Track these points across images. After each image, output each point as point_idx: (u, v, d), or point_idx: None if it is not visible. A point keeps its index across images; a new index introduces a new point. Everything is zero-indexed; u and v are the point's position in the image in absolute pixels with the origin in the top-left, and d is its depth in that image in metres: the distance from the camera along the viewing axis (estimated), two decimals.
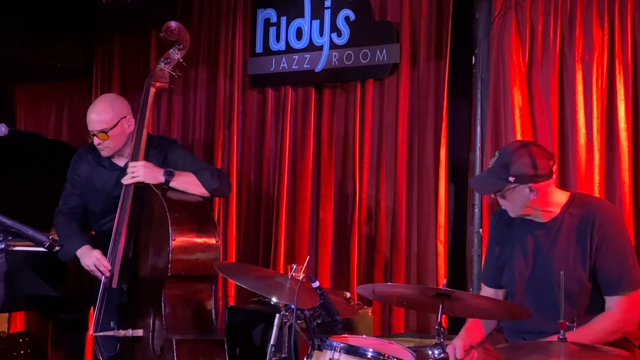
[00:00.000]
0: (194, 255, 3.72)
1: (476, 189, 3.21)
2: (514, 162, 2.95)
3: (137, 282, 3.84)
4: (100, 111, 3.87)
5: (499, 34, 4.00)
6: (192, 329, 3.72)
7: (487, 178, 3.08)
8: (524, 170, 2.94)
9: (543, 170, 2.96)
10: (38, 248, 3.59)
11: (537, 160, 2.95)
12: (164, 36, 3.92)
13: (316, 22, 4.73)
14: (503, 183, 2.98)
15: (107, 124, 3.82)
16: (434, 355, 2.70)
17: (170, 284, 3.69)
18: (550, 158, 3.02)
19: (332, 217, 4.67)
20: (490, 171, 3.05)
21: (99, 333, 3.72)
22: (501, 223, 3.21)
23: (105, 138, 3.83)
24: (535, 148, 3.01)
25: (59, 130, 6.05)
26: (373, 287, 3.06)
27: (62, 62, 5.74)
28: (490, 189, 3.11)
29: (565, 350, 2.48)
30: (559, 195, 3.08)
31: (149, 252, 3.81)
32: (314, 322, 2.97)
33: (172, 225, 3.67)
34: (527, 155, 2.95)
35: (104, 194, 3.95)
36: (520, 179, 2.95)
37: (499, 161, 3.02)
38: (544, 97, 3.89)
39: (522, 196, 3.00)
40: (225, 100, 5.13)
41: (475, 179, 3.18)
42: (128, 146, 3.93)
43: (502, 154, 3.04)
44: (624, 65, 3.70)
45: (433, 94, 4.31)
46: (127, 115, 3.91)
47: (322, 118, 4.74)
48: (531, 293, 3.03)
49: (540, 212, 3.05)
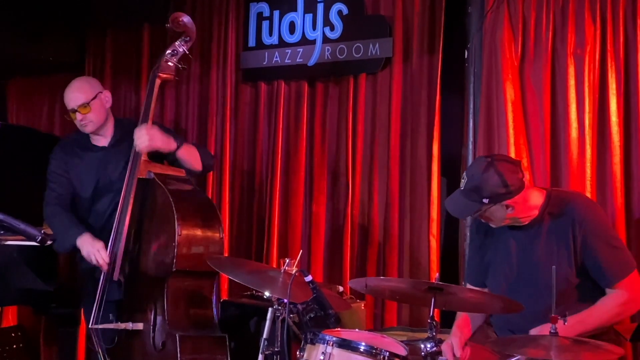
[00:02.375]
0: (199, 250, 3.71)
1: (453, 213, 3.17)
2: (484, 184, 2.93)
3: (138, 275, 3.82)
4: (77, 88, 3.94)
5: (492, 28, 4.00)
6: (194, 325, 3.71)
7: (461, 202, 3.03)
8: (496, 190, 2.92)
9: (514, 186, 2.94)
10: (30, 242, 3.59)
11: (507, 178, 2.93)
12: (171, 27, 3.91)
13: (309, 16, 4.72)
14: (478, 205, 2.97)
15: (86, 97, 3.88)
16: (426, 349, 2.71)
17: (173, 279, 3.68)
18: (518, 170, 2.99)
19: (325, 211, 4.68)
20: (462, 194, 3.01)
21: (99, 326, 3.70)
22: (482, 226, 3.21)
23: (88, 111, 3.87)
24: (501, 164, 2.96)
25: (51, 125, 6.03)
26: (366, 281, 3.06)
27: (54, 56, 5.72)
28: (467, 213, 3.14)
29: (557, 344, 2.50)
30: (535, 197, 3.06)
31: (151, 245, 3.79)
32: (306, 316, 2.98)
33: (179, 220, 3.65)
34: (495, 174, 2.92)
35: (91, 175, 3.95)
36: (494, 199, 2.95)
37: (469, 184, 2.98)
38: (536, 91, 3.90)
39: (500, 212, 3.01)
40: (217, 94, 5.11)
41: (450, 203, 3.11)
42: (108, 124, 3.97)
43: (470, 176, 2.99)
44: (615, 59, 3.71)
45: (426, 88, 4.31)
46: (103, 91, 3.99)
47: (315, 112, 4.74)
48: (517, 294, 3.03)
49: (520, 219, 3.06)
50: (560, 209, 3.04)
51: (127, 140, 3.94)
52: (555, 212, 3.04)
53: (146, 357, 3.73)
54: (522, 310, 2.81)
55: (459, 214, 3.20)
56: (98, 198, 3.95)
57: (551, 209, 3.05)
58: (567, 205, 3.04)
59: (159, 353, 3.65)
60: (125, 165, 3.88)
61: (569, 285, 2.99)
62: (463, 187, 3.01)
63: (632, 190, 3.70)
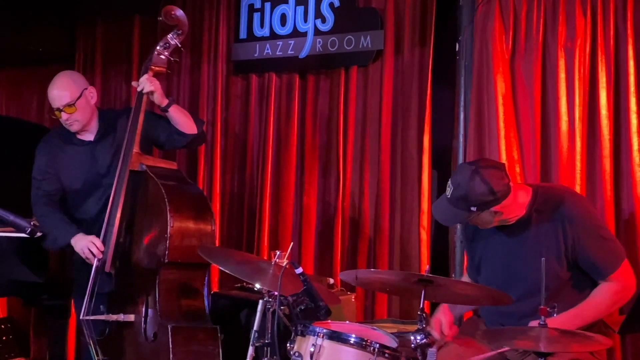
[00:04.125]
0: (191, 242, 3.70)
1: (442, 221, 3.17)
2: (471, 193, 2.92)
3: (130, 267, 3.81)
4: (62, 86, 3.87)
5: (483, 21, 4.00)
6: (186, 316, 3.71)
7: (448, 210, 3.03)
8: (483, 198, 2.92)
9: (501, 192, 2.93)
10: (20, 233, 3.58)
11: (493, 185, 2.92)
12: (163, 20, 3.89)
13: (300, 8, 4.71)
14: (466, 214, 2.98)
15: (71, 96, 3.82)
16: (416, 341, 2.72)
17: (165, 271, 3.67)
18: (504, 175, 2.97)
19: (316, 203, 4.68)
20: (449, 202, 3.00)
21: (90, 317, 3.69)
22: (470, 226, 3.21)
23: (73, 111, 3.82)
24: (486, 171, 2.95)
25: (41, 115, 6.00)
26: (356, 273, 3.06)
27: (44, 47, 5.69)
28: (457, 221, 3.16)
29: (546, 335, 2.51)
30: (521, 196, 3.06)
31: (143, 237, 3.79)
32: (297, 308, 2.99)
33: (171, 212, 3.64)
34: (481, 182, 2.92)
35: (80, 171, 3.92)
36: (482, 207, 2.95)
37: (455, 193, 2.97)
38: (526, 84, 3.91)
39: (488, 217, 3.01)
40: (209, 86, 5.10)
41: (436, 210, 3.11)
42: (93, 120, 3.93)
43: (457, 186, 2.97)
44: (606, 53, 3.72)
45: (417, 81, 4.31)
46: (88, 87, 3.93)
47: (306, 105, 4.74)
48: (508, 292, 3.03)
49: (508, 220, 3.06)
50: (549, 206, 3.03)
51: (113, 133, 3.93)
52: (543, 210, 3.03)
53: (138, 349, 3.73)
54: (512, 302, 2.82)
55: (447, 222, 3.21)
56: (87, 194, 3.93)
57: (539, 207, 3.04)
58: (556, 202, 3.04)
59: (150, 344, 3.65)
60: (113, 159, 3.87)
61: (559, 281, 3.00)
62: (449, 195, 2.99)
63: (621, 183, 3.71)
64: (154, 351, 3.64)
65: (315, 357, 2.78)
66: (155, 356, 3.62)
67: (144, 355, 3.70)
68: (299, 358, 2.82)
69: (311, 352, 2.78)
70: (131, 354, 3.76)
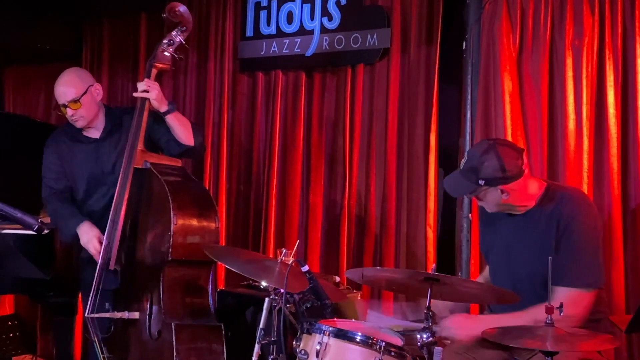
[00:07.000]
0: (195, 240, 3.70)
1: (449, 191, 3.16)
2: (482, 165, 2.92)
3: (134, 264, 3.82)
4: (67, 82, 3.88)
5: (490, 19, 3.99)
6: (190, 314, 3.71)
7: (458, 180, 3.03)
8: (493, 173, 2.91)
9: (512, 172, 2.92)
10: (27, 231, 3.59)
11: (505, 163, 2.91)
12: (167, 17, 3.88)
13: (307, 6, 4.71)
14: (474, 186, 2.96)
15: (76, 92, 3.83)
16: (422, 339, 2.72)
17: (169, 268, 3.66)
18: (519, 157, 2.97)
19: (322, 201, 4.68)
20: (460, 173, 3.02)
21: (94, 315, 3.70)
22: (485, 213, 3.20)
23: (78, 107, 3.83)
24: (502, 149, 2.95)
25: (47, 113, 6.01)
26: (362, 272, 3.06)
27: (51, 45, 5.70)
28: (462, 192, 3.14)
29: (553, 334, 2.50)
30: (533, 187, 3.05)
31: (147, 235, 3.79)
32: (303, 306, 2.98)
33: (174, 210, 3.64)
34: (494, 157, 2.91)
35: (84, 168, 3.94)
36: (490, 182, 2.94)
37: (467, 164, 2.98)
38: (534, 82, 3.90)
39: (495, 197, 3.00)
40: (215, 84, 5.11)
41: (448, 180, 3.11)
42: (99, 116, 3.94)
43: (470, 156, 3.00)
44: (613, 51, 3.71)
45: (423, 79, 4.31)
46: (94, 84, 3.94)
47: (313, 102, 4.73)
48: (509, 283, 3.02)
49: (516, 207, 3.05)
50: (554, 204, 3.02)
51: (119, 131, 3.94)
52: (548, 207, 3.02)
53: (142, 346, 3.73)
54: (518, 301, 2.81)
55: (454, 192, 3.19)
56: (92, 191, 3.94)
57: (546, 203, 3.03)
58: (561, 201, 3.01)
59: (155, 342, 3.65)
60: (118, 156, 3.87)
61: None
62: (462, 165, 3.01)
63: (629, 181, 3.70)
64: (158, 349, 3.64)
65: (321, 355, 2.78)
66: (160, 354, 3.63)
67: (148, 353, 3.70)
68: (305, 356, 2.82)
69: (317, 350, 2.78)
70: (136, 351, 3.77)
